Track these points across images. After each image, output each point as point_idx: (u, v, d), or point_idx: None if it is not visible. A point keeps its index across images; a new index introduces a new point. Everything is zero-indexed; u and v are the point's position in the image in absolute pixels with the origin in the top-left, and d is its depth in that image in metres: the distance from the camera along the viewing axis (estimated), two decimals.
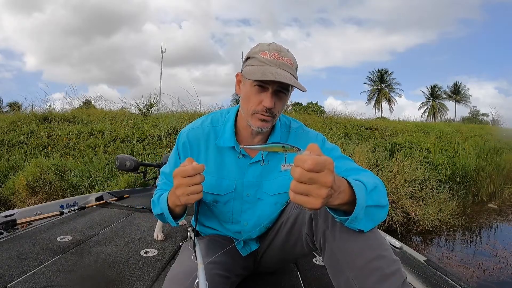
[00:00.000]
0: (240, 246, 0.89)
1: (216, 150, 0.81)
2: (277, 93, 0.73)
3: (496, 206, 4.59)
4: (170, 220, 0.77)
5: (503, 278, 2.36)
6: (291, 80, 0.69)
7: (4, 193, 3.90)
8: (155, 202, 0.83)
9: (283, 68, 0.71)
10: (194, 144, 0.82)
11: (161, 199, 0.78)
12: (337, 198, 0.52)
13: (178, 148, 0.85)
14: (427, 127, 8.73)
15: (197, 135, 0.82)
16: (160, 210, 0.77)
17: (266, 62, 0.71)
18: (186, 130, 0.84)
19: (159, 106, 7.84)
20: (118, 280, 0.99)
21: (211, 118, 0.85)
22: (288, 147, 0.57)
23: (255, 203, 0.82)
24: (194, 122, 0.86)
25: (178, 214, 0.77)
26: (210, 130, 0.82)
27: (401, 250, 1.21)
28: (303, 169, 0.46)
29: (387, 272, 0.58)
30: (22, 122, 5.82)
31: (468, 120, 26.83)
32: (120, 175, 3.78)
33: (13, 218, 1.38)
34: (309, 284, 1.01)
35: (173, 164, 0.85)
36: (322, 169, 0.46)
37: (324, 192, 0.47)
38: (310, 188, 0.47)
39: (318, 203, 0.47)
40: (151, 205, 0.85)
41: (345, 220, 0.58)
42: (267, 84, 0.71)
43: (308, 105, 16.57)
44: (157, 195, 0.83)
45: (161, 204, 0.77)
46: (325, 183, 0.46)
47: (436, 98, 39.36)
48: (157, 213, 0.80)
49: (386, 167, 3.65)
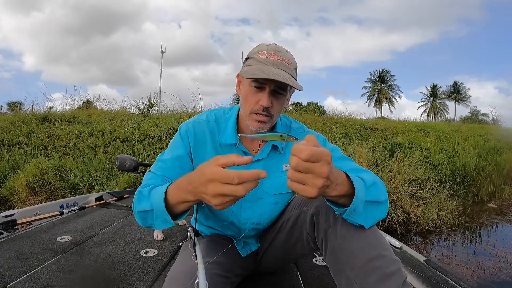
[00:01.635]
0: (240, 246, 0.89)
1: (219, 147, 0.81)
2: (274, 93, 0.73)
3: (496, 205, 4.59)
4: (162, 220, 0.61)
5: (503, 277, 2.36)
6: (288, 79, 0.69)
7: (4, 193, 3.90)
8: (144, 194, 0.66)
9: (280, 68, 0.71)
10: (199, 137, 0.80)
11: (155, 192, 0.62)
12: (334, 190, 0.53)
13: (181, 135, 0.79)
14: (427, 127, 8.72)
15: (202, 128, 0.81)
16: (149, 206, 0.63)
17: (264, 61, 0.71)
18: (191, 122, 0.82)
19: (159, 106, 7.85)
20: (118, 280, 0.99)
21: (214, 114, 0.84)
22: (286, 136, 0.58)
23: (255, 202, 0.82)
24: (198, 115, 0.85)
25: (180, 212, 0.61)
26: (214, 126, 0.82)
27: (401, 250, 1.21)
28: (299, 158, 0.47)
29: (387, 272, 0.58)
30: (22, 122, 5.81)
31: (468, 119, 26.82)
32: (120, 175, 3.78)
33: (13, 218, 1.38)
34: (309, 284, 1.01)
35: (174, 150, 0.78)
36: (318, 160, 0.47)
37: (319, 182, 0.48)
38: (306, 177, 0.48)
39: (313, 192, 0.48)
40: (135, 197, 0.68)
41: (343, 212, 0.59)
42: (264, 83, 0.71)
43: (308, 105, 16.57)
44: (149, 188, 0.67)
45: (152, 199, 0.62)
46: (321, 173, 0.47)
47: (436, 98, 39.38)
48: (142, 210, 0.64)
49: (386, 167, 3.65)
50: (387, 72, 39.18)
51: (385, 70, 39.34)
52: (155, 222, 0.64)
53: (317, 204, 0.70)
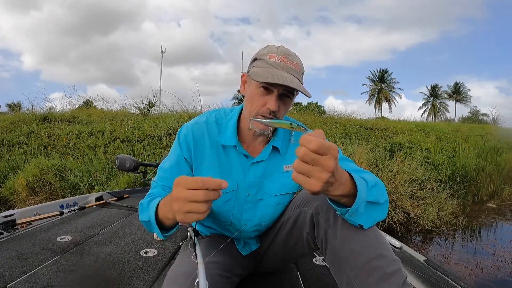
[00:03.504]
0: (241, 246, 0.89)
1: (220, 148, 0.80)
2: (281, 97, 0.72)
3: (496, 205, 4.59)
4: (157, 232, 0.65)
5: (501, 276, 2.37)
6: (298, 85, 0.69)
7: (4, 193, 3.90)
8: (144, 206, 0.70)
9: (290, 72, 0.70)
10: (198, 139, 0.80)
11: (151, 205, 0.67)
12: (337, 189, 0.53)
13: (180, 141, 0.80)
14: (427, 127, 8.73)
15: (202, 130, 0.81)
16: (147, 218, 0.67)
17: (274, 64, 0.71)
18: (191, 124, 0.82)
19: (159, 106, 7.85)
20: (118, 280, 0.99)
21: (215, 115, 0.84)
22: (295, 126, 0.58)
23: (256, 203, 0.82)
24: (197, 117, 0.85)
25: (168, 227, 0.66)
26: (214, 127, 0.81)
27: (401, 250, 1.21)
28: (307, 148, 0.46)
29: (388, 272, 0.58)
30: (22, 122, 5.81)
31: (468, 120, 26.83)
32: (120, 175, 3.78)
33: (13, 218, 1.38)
34: (309, 284, 1.01)
35: (173, 158, 0.80)
36: (326, 153, 0.47)
37: (325, 176, 0.47)
38: (312, 169, 0.47)
39: (318, 185, 0.48)
40: (139, 208, 0.72)
41: (345, 212, 0.58)
42: (273, 86, 0.71)
43: (308, 105, 16.59)
44: (148, 199, 0.72)
45: (149, 211, 0.66)
46: (327, 166, 0.47)
47: (436, 97, 39.38)
48: (144, 220, 0.69)
49: (386, 167, 3.65)
50: (386, 72, 39.20)
51: (385, 70, 39.37)
52: (156, 231, 0.67)
53: (317, 204, 0.70)
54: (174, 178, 0.74)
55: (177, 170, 0.78)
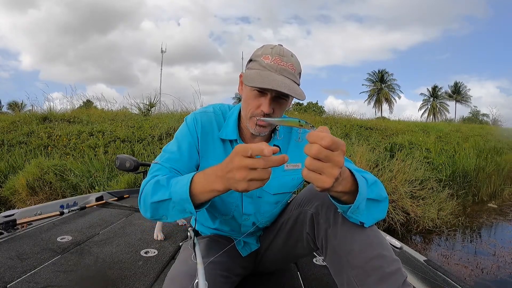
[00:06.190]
0: (240, 246, 0.89)
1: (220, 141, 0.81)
2: (276, 99, 0.72)
3: (496, 205, 4.59)
4: (180, 210, 0.60)
5: (501, 276, 2.37)
6: (288, 88, 0.67)
7: (4, 193, 3.90)
8: (162, 184, 0.63)
9: (283, 74, 0.70)
10: (207, 128, 0.79)
11: (177, 182, 0.61)
12: (340, 184, 0.53)
13: (188, 126, 0.79)
14: (427, 127, 8.73)
15: (210, 120, 0.81)
16: (167, 195, 0.61)
17: (267, 67, 0.70)
18: (199, 113, 0.82)
19: (159, 106, 7.86)
20: (118, 280, 0.99)
21: (220, 107, 0.85)
22: (304, 123, 0.58)
23: (255, 199, 0.82)
24: (204, 107, 0.85)
25: (200, 203, 0.59)
26: (221, 119, 0.82)
27: (401, 250, 1.21)
28: (320, 145, 0.46)
29: (388, 272, 0.58)
30: (22, 122, 5.82)
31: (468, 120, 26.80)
32: (120, 175, 3.78)
33: (13, 218, 1.38)
34: (309, 284, 1.01)
35: (182, 141, 0.77)
36: (336, 148, 0.47)
37: (336, 171, 0.48)
38: (324, 166, 0.47)
39: (330, 181, 0.48)
40: (147, 187, 0.65)
41: (347, 209, 0.58)
42: (266, 89, 0.70)
43: (308, 105, 16.59)
44: (166, 177, 0.65)
45: (174, 187, 0.60)
46: (338, 162, 0.47)
47: (436, 98, 39.37)
48: (157, 200, 0.62)
49: (386, 167, 3.65)
50: (386, 72, 39.20)
51: (385, 70, 39.38)
52: (169, 213, 0.62)
53: (317, 204, 0.70)
54: (185, 161, 0.75)
55: (186, 153, 0.76)
